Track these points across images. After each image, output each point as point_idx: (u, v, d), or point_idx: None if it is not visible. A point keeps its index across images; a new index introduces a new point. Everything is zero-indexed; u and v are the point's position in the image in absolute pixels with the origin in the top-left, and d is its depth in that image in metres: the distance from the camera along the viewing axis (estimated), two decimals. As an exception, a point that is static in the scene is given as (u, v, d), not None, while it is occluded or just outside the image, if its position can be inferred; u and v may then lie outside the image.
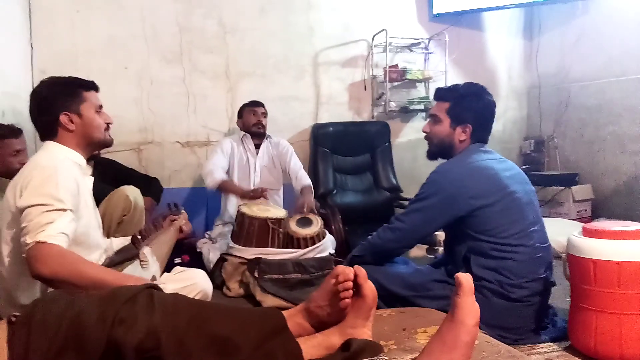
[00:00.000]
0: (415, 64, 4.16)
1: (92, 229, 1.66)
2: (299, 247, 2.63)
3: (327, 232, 2.80)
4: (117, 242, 1.86)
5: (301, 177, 3.15)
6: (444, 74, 4.07)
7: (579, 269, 1.70)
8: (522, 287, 1.77)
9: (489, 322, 1.61)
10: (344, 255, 2.58)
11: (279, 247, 2.64)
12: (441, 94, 2.05)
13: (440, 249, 2.96)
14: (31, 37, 3.29)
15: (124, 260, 1.74)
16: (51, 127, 1.59)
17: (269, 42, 3.82)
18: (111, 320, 0.91)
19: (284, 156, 3.25)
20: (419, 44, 4.16)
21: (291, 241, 2.66)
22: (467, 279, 1.04)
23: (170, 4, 3.59)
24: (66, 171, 1.51)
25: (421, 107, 4.05)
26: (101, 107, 1.69)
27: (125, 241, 1.87)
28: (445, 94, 2.03)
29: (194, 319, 0.98)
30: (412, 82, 4.15)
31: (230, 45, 3.74)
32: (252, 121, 3.21)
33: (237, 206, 2.85)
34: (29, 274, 1.34)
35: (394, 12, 4.10)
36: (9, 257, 1.49)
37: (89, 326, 0.91)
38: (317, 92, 3.99)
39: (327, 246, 2.70)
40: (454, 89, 2.03)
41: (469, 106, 1.95)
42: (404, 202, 3.61)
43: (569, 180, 3.89)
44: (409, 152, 4.14)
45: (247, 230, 2.64)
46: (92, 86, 1.68)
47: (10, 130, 2.40)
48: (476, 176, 1.85)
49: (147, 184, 2.87)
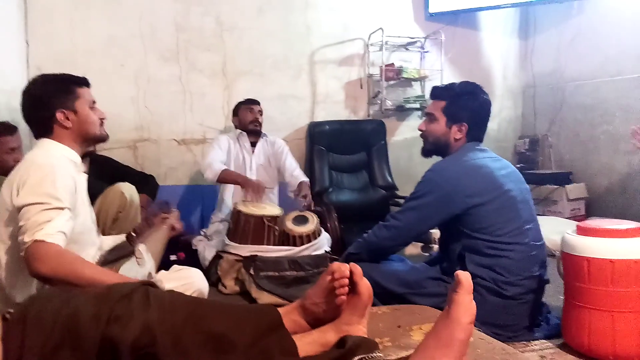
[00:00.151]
0: (411, 63, 4.17)
1: (88, 226, 1.66)
2: (294, 244, 2.63)
3: (322, 230, 2.81)
4: (108, 242, 1.85)
5: (298, 175, 3.15)
6: (440, 73, 4.08)
7: (572, 266, 1.71)
8: (516, 284, 1.78)
9: (483, 320, 1.62)
10: (339, 253, 2.59)
11: (274, 244, 2.65)
12: (437, 93, 2.05)
13: (435, 247, 2.97)
14: (27, 34, 3.28)
15: (119, 258, 1.73)
16: (46, 125, 1.59)
17: (266, 40, 3.82)
18: (106, 317, 0.91)
19: (279, 155, 3.25)
20: (415, 42, 4.17)
21: (287, 239, 2.66)
22: (467, 278, 1.04)
23: (168, 2, 3.59)
24: (63, 169, 1.50)
25: (417, 105, 4.05)
26: (94, 102, 1.68)
27: (117, 240, 1.86)
28: (441, 93, 2.04)
29: (189, 316, 0.99)
30: (408, 81, 4.15)
31: (227, 43, 3.74)
32: (248, 119, 3.21)
33: (233, 203, 2.85)
34: (25, 272, 1.34)
35: (391, 11, 4.11)
36: (5, 256, 1.48)
37: (84, 323, 0.91)
38: (314, 91, 4.00)
39: (322, 244, 2.71)
40: (450, 87, 2.04)
41: (465, 105, 1.96)
42: (400, 201, 3.62)
43: (563, 179, 3.91)
44: (405, 150, 4.15)
45: (243, 227, 2.64)
46: (84, 82, 1.67)
47: (5, 127, 2.39)
48: (471, 174, 1.86)
49: (143, 181, 2.86)
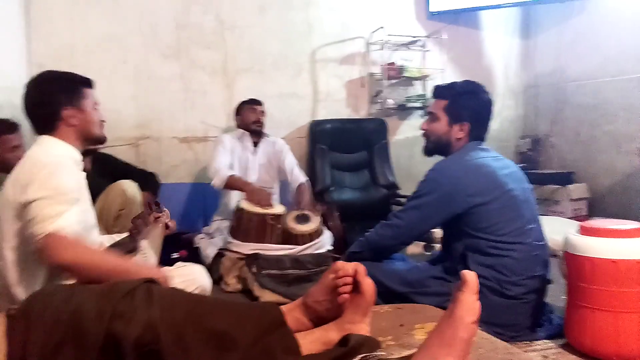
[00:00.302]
0: (412, 62, 4.16)
1: (89, 224, 1.65)
2: (296, 243, 2.63)
3: (324, 228, 2.81)
4: (107, 239, 1.84)
5: (297, 175, 3.15)
6: (441, 72, 4.07)
7: (575, 266, 1.70)
8: (518, 284, 1.78)
9: (485, 319, 1.60)
10: (341, 251, 2.59)
11: (276, 243, 2.65)
12: (439, 92, 2.05)
13: (436, 246, 2.97)
14: (29, 32, 3.28)
15: (128, 252, 1.73)
16: (51, 121, 1.58)
17: (267, 39, 3.82)
18: (110, 314, 0.91)
19: (279, 154, 3.25)
20: (416, 41, 4.15)
21: (289, 237, 2.66)
22: (472, 277, 1.04)
23: (168, 0, 3.58)
24: (68, 166, 1.51)
25: (418, 104, 4.05)
26: (97, 104, 1.69)
27: (116, 238, 1.86)
28: (443, 92, 2.03)
29: (192, 313, 0.99)
30: (409, 80, 4.15)
31: (228, 41, 3.73)
32: (251, 119, 3.21)
33: (236, 202, 2.85)
34: (30, 269, 1.34)
35: (392, 9, 4.11)
36: (10, 253, 1.47)
37: (87, 320, 0.91)
38: (315, 89, 3.99)
39: (324, 243, 2.71)
40: (452, 86, 2.03)
41: (467, 104, 1.95)
42: (401, 200, 3.62)
43: (564, 179, 3.91)
44: (406, 149, 4.14)
45: (246, 225, 2.64)
46: (90, 83, 1.68)
47: (7, 125, 2.39)
48: (474, 174, 1.86)
49: (144, 179, 2.86)
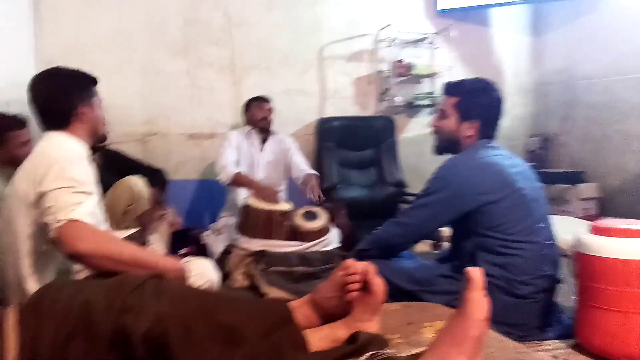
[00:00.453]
0: (421, 59, 4.14)
1: (100, 215, 1.66)
2: (303, 240, 2.62)
3: (332, 226, 2.80)
4: (117, 234, 1.85)
5: (306, 169, 3.16)
6: (450, 70, 4.05)
7: (586, 266, 1.68)
8: (528, 283, 1.76)
9: (494, 319, 1.58)
10: (348, 249, 2.57)
11: (284, 240, 2.64)
12: (449, 89, 2.03)
13: (444, 245, 2.96)
14: (37, 28, 3.29)
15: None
16: (66, 117, 1.59)
17: (274, 35, 3.82)
18: (119, 307, 0.92)
19: (287, 152, 3.25)
20: (425, 39, 4.14)
21: (296, 234, 2.65)
22: (477, 274, 1.03)
23: (176, -4, 3.59)
24: (80, 160, 1.52)
25: (427, 102, 4.04)
26: (101, 101, 1.72)
27: (126, 233, 1.87)
28: (453, 89, 2.01)
29: (201, 307, 0.99)
30: (417, 78, 4.13)
31: (236, 38, 3.74)
32: (258, 116, 3.22)
33: (243, 198, 2.86)
34: (42, 261, 1.33)
35: (400, 6, 4.10)
36: (22, 246, 1.48)
37: (97, 313, 0.91)
38: (323, 87, 3.99)
39: (332, 240, 2.70)
40: (463, 83, 2.01)
41: (477, 102, 1.93)
42: (409, 198, 3.61)
43: (574, 178, 3.88)
44: (414, 147, 4.13)
45: (253, 222, 2.63)
46: (97, 82, 1.70)
47: (17, 121, 2.39)
48: (483, 172, 1.84)
49: (152, 175, 2.86)
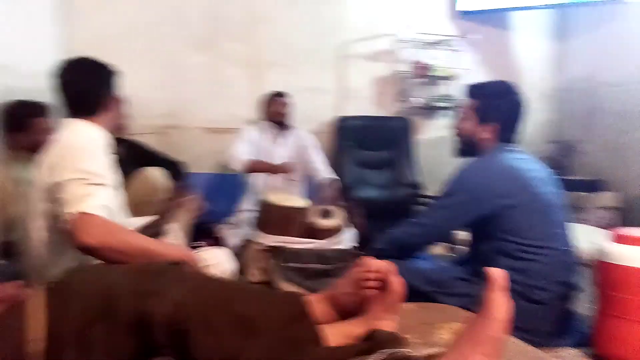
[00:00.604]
0: (440, 61, 4.12)
1: (118, 207, 1.68)
2: (319, 237, 2.63)
3: (348, 224, 2.80)
4: (134, 222, 1.87)
5: (324, 170, 3.16)
6: (470, 73, 4.02)
7: (608, 275, 1.66)
8: (545, 289, 1.75)
9: (510, 323, 1.59)
10: (363, 248, 2.57)
11: (300, 236, 2.64)
12: (471, 91, 2.02)
13: (459, 248, 2.94)
14: (63, 17, 3.33)
15: (151, 236, 1.75)
16: (96, 106, 1.62)
17: (297, 32, 3.83)
18: (142, 293, 0.93)
19: (307, 149, 3.26)
20: (445, 41, 4.11)
21: (312, 231, 2.66)
22: (499, 274, 1.03)
23: (202, -9, 3.62)
24: (99, 150, 1.54)
25: (445, 104, 4.02)
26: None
27: (143, 220, 1.88)
28: (474, 91, 2.01)
29: (220, 297, 1.00)
30: (436, 79, 4.11)
31: (258, 34, 3.76)
32: (274, 110, 3.23)
33: (261, 193, 2.87)
34: (61, 248, 1.35)
35: (422, 8, 4.08)
36: (42, 234, 1.50)
37: (120, 297, 0.93)
38: (341, 85, 3.99)
39: (347, 239, 2.70)
40: (484, 86, 2.01)
41: (496, 105, 1.92)
42: (424, 199, 3.59)
43: (592, 186, 3.83)
44: (431, 149, 4.10)
45: (270, 217, 2.64)
46: (118, 74, 1.74)
47: (40, 108, 2.42)
48: (503, 175, 1.83)
49: (172, 167, 2.89)
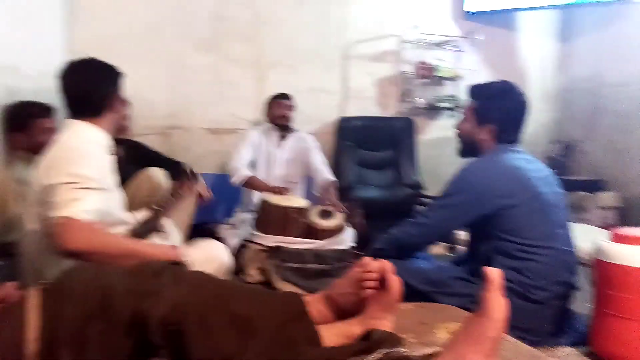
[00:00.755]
0: (445, 62, 4.11)
1: (114, 206, 1.68)
2: (318, 238, 2.63)
3: (347, 225, 2.80)
4: (139, 216, 1.89)
5: (325, 173, 3.16)
6: (474, 73, 4.02)
7: (606, 274, 1.66)
8: (544, 289, 1.75)
9: (508, 323, 1.59)
10: (363, 248, 2.57)
11: (299, 237, 2.65)
12: (472, 92, 2.03)
13: (460, 248, 2.94)
14: (69, 18, 3.35)
15: (146, 232, 1.76)
16: (101, 107, 1.63)
17: (301, 33, 3.84)
18: (138, 293, 0.93)
19: (308, 151, 3.26)
20: (450, 41, 4.11)
21: (311, 232, 2.66)
22: (496, 274, 1.03)
23: (207, -9, 3.63)
24: (93, 151, 1.54)
25: (449, 105, 4.01)
26: None
27: (139, 215, 1.90)
28: (475, 92, 2.02)
29: (217, 297, 1.00)
30: (441, 80, 4.11)
31: (263, 35, 3.76)
32: (278, 113, 3.23)
33: (260, 193, 2.88)
34: (54, 251, 1.35)
35: (427, 8, 4.08)
36: (38, 235, 1.51)
37: (116, 297, 0.93)
38: (345, 85, 3.99)
39: (347, 239, 2.70)
40: (484, 87, 2.01)
41: (495, 106, 1.92)
42: (426, 200, 3.59)
43: (594, 186, 3.82)
44: (434, 150, 4.10)
45: (269, 218, 2.65)
46: (122, 76, 1.74)
47: (42, 109, 2.43)
48: (504, 175, 1.83)
49: (173, 168, 2.89)
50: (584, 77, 4.23)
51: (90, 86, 1.62)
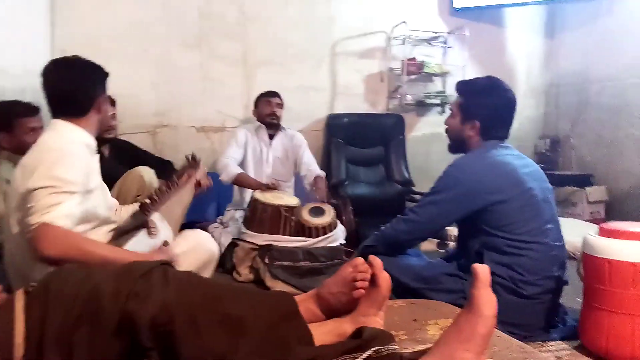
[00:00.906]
0: (433, 58, 4.12)
1: (100, 206, 1.66)
2: (310, 236, 2.63)
3: (338, 222, 2.80)
4: (127, 211, 1.84)
5: (314, 169, 3.16)
6: (462, 69, 4.03)
7: (593, 268, 1.68)
8: (534, 284, 1.76)
9: (499, 318, 1.57)
10: (354, 245, 2.58)
11: (290, 235, 2.65)
12: (458, 88, 2.03)
13: (450, 244, 2.95)
14: (53, 17, 3.31)
15: (133, 229, 1.73)
16: (85, 107, 1.59)
17: (288, 30, 3.81)
18: (126, 294, 0.92)
19: (297, 149, 3.25)
20: (438, 37, 4.12)
21: (303, 230, 2.66)
22: (483, 270, 1.03)
23: (192, -12, 3.60)
24: (76, 153, 1.50)
25: (437, 101, 4.03)
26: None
27: (133, 209, 1.86)
28: (461, 88, 2.02)
29: (207, 296, 0.99)
30: (429, 76, 4.12)
31: (250, 32, 3.74)
32: (266, 111, 3.21)
33: (251, 192, 2.87)
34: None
35: (414, 4, 4.08)
36: (20, 238, 1.48)
37: (104, 299, 0.92)
38: (334, 83, 3.99)
39: (338, 236, 2.71)
40: (470, 83, 2.01)
41: (480, 103, 1.91)
42: (416, 196, 3.60)
43: (583, 180, 3.86)
44: (423, 146, 4.12)
45: (260, 216, 2.65)
46: (108, 75, 1.71)
47: (27, 108, 2.40)
48: (493, 171, 1.83)
49: (161, 167, 2.87)
50: (571, 72, 4.26)
51: (73, 85, 1.58)
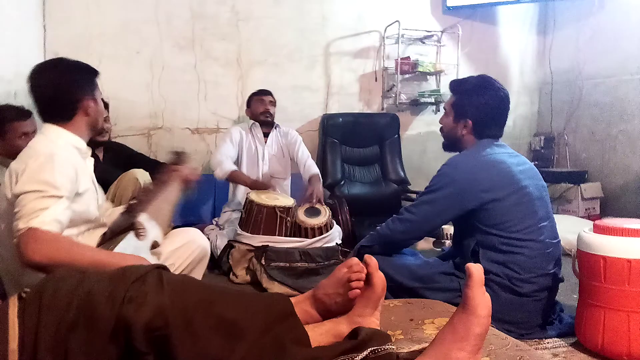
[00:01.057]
0: (427, 57, 4.13)
1: (92, 210, 1.64)
2: (306, 236, 2.63)
3: (334, 222, 2.80)
4: (118, 212, 1.80)
5: (309, 166, 3.15)
6: (456, 68, 4.04)
7: (589, 265, 1.68)
8: (530, 282, 1.76)
9: (495, 316, 1.58)
10: (350, 245, 2.58)
11: (286, 235, 2.65)
12: (452, 87, 2.04)
13: (447, 242, 2.96)
14: (45, 19, 3.30)
15: (121, 231, 1.71)
16: (71, 110, 1.56)
17: (281, 30, 3.81)
18: (121, 298, 0.91)
19: (293, 145, 3.25)
20: (431, 36, 4.13)
21: (299, 230, 2.66)
22: (477, 270, 1.03)
23: (184, -11, 3.59)
24: (64, 157, 1.48)
25: (431, 100, 4.03)
26: (101, 95, 1.69)
27: (116, 211, 1.84)
28: (454, 87, 2.02)
29: (202, 300, 0.98)
30: (423, 75, 4.13)
31: (243, 33, 3.73)
32: (259, 110, 3.21)
33: (245, 193, 2.86)
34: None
35: (408, 3, 4.08)
36: (11, 243, 1.47)
37: (99, 304, 0.91)
38: (328, 82, 3.98)
39: (334, 236, 2.70)
40: (463, 82, 2.02)
41: (472, 101, 1.92)
42: (411, 195, 3.61)
43: (578, 177, 3.87)
44: (418, 145, 4.12)
45: (255, 217, 2.64)
46: (98, 74, 1.67)
47: (18, 112, 2.38)
48: (488, 169, 1.84)
49: (156, 169, 2.86)
50: (564, 70, 4.27)
51: (55, 89, 1.54)
